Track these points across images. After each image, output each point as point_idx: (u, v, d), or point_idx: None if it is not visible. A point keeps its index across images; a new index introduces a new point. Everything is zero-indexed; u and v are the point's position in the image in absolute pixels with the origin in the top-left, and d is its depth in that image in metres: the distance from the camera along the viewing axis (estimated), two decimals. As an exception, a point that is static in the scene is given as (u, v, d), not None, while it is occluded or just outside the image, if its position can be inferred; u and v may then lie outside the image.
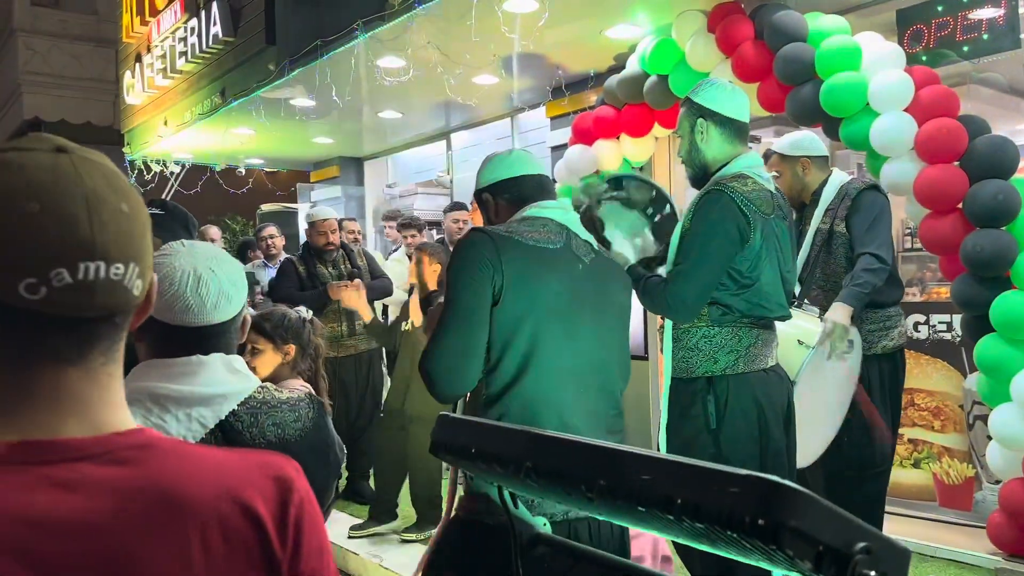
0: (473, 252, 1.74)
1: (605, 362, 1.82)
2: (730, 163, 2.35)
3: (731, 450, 2.22)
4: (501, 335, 1.71)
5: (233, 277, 1.36)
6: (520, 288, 1.71)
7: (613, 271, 1.93)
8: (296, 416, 1.36)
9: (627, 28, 4.67)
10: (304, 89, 5.77)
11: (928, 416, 4.10)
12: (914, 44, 4.13)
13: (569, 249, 1.81)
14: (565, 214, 1.88)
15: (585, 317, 1.79)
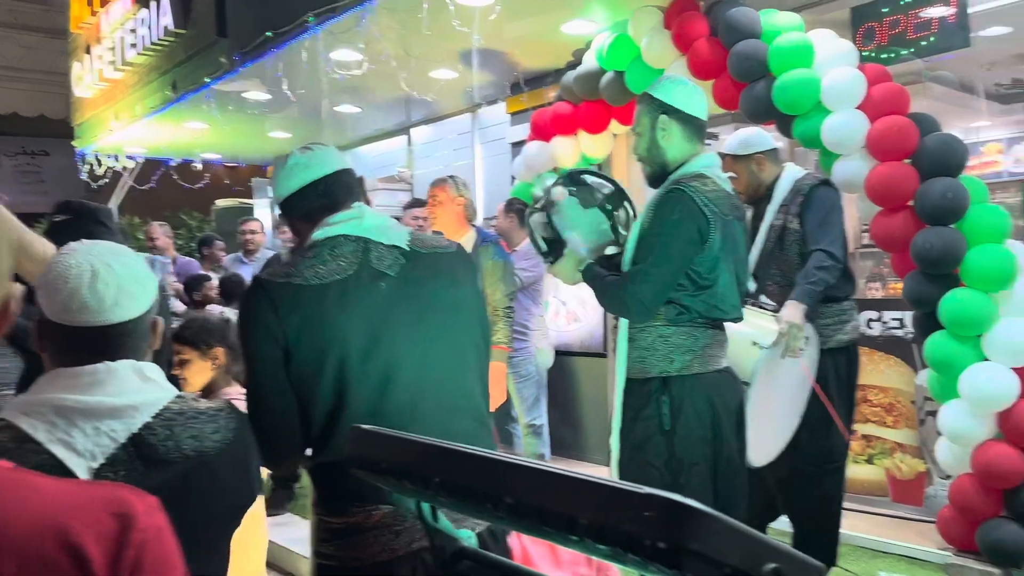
0: (249, 310, 1.54)
1: (446, 377, 1.59)
2: (689, 162, 2.33)
3: (685, 452, 2.21)
4: (303, 390, 1.51)
5: (136, 274, 1.29)
6: (307, 341, 1.49)
7: (438, 268, 1.64)
8: (216, 427, 1.29)
9: (584, 24, 4.64)
10: (258, 82, 5.65)
11: (881, 412, 4.13)
12: (867, 42, 4.16)
13: (367, 268, 1.56)
14: (360, 223, 1.61)
15: (400, 341, 1.54)
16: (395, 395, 1.53)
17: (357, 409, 1.49)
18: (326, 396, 1.51)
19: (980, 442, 3.17)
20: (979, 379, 3.10)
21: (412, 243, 1.64)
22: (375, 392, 1.52)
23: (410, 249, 1.62)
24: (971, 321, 3.13)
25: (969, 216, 3.19)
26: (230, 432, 1.30)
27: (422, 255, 1.63)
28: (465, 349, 1.65)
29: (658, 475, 2.20)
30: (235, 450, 1.30)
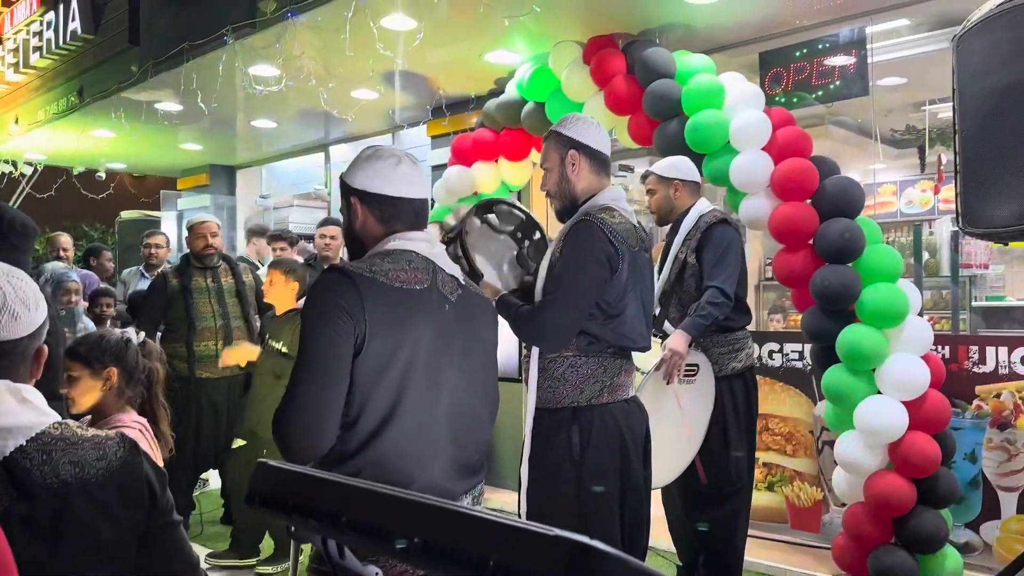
0: (331, 298, 1.54)
1: (471, 407, 1.69)
2: (596, 195, 2.38)
3: (593, 481, 2.23)
4: (361, 390, 1.53)
5: (24, 295, 1.25)
6: (384, 338, 1.54)
7: (480, 306, 1.77)
8: (100, 455, 1.24)
9: (506, 54, 4.70)
10: (171, 93, 5.48)
11: (781, 441, 4.29)
12: (774, 86, 4.36)
13: (436, 288, 1.65)
14: (431, 247, 1.71)
15: (452, 363, 1.64)
16: (438, 414, 1.60)
17: (405, 419, 1.55)
18: (382, 399, 1.55)
19: (872, 472, 3.33)
20: (872, 411, 3.25)
21: (464, 279, 1.76)
22: (424, 407, 1.58)
23: (464, 283, 1.74)
24: (866, 355, 3.29)
25: (865, 256, 3.37)
26: (117, 460, 1.26)
27: (470, 292, 1.75)
28: (488, 384, 1.76)
29: (567, 504, 2.21)
30: (122, 478, 1.25)
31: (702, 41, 4.38)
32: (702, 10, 4.01)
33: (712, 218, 3.34)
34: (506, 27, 4.15)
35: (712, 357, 3.26)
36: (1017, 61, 1.81)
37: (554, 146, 2.42)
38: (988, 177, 1.93)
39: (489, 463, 5.50)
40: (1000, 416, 3.69)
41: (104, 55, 5.69)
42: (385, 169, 1.69)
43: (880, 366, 3.30)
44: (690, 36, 4.31)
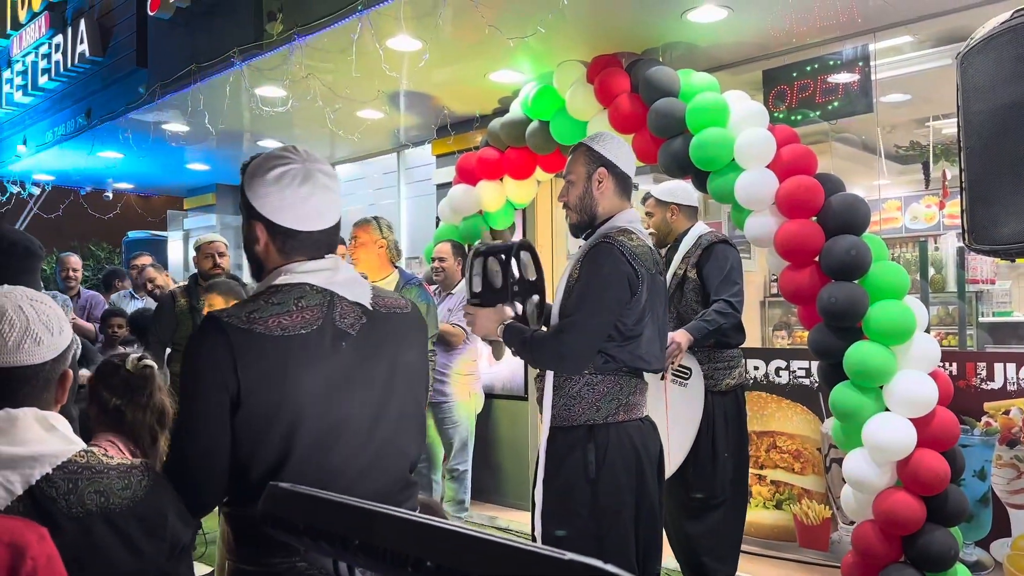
0: (204, 353, 1.44)
1: (385, 440, 1.56)
2: (614, 217, 2.40)
3: (608, 500, 2.23)
4: (246, 443, 1.44)
5: (47, 319, 1.26)
6: (261, 395, 1.43)
7: (395, 330, 1.61)
8: (125, 484, 1.26)
9: (510, 73, 4.73)
10: (178, 114, 5.53)
11: (789, 458, 4.27)
12: (778, 103, 4.38)
13: (330, 325, 1.51)
14: (332, 275, 1.56)
15: (352, 401, 1.51)
16: (339, 455, 1.49)
17: (299, 466, 1.44)
18: (270, 451, 1.44)
19: (881, 490, 3.31)
20: (880, 429, 3.24)
21: (374, 302, 1.59)
22: (320, 451, 1.47)
23: (372, 309, 1.58)
24: (873, 373, 3.28)
25: (872, 272, 3.37)
26: (142, 490, 1.27)
27: (382, 315, 1.59)
28: (408, 410, 1.62)
29: (582, 523, 2.21)
30: (145, 508, 1.26)
31: (705, 59, 4.41)
32: (705, 29, 4.04)
33: (713, 237, 3.46)
34: (511, 48, 4.18)
35: (707, 372, 3.38)
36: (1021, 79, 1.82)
37: (582, 160, 2.43)
38: (994, 193, 1.93)
39: (495, 481, 5.50)
40: (1009, 433, 3.67)
41: (112, 77, 5.75)
42: (295, 202, 1.52)
43: (888, 383, 3.28)
44: (693, 54, 4.34)
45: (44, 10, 6.55)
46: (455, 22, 3.97)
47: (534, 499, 2.33)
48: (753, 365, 4.35)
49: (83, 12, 6.06)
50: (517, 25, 3.97)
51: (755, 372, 4.35)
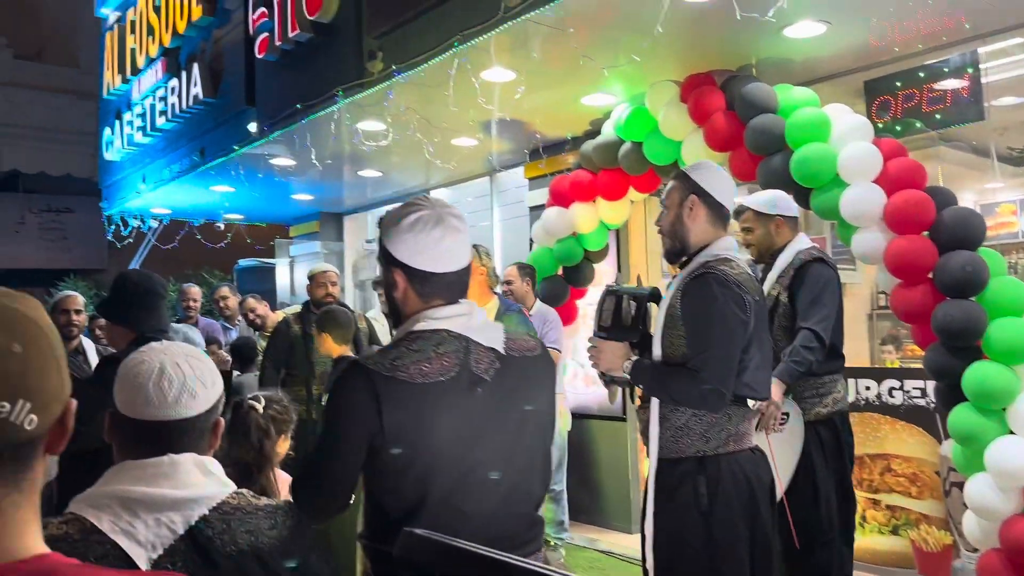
0: (350, 398, 1.54)
1: (517, 486, 1.62)
2: (710, 245, 2.37)
3: (722, 532, 2.19)
4: (384, 482, 1.54)
5: (203, 375, 1.36)
6: (403, 441, 1.51)
7: (528, 371, 1.67)
8: (272, 524, 1.34)
9: (602, 96, 4.76)
10: (285, 149, 5.81)
11: (905, 482, 4.10)
12: (882, 114, 4.25)
13: (467, 372, 1.57)
14: (468, 320, 1.62)
15: (485, 445, 1.58)
16: (471, 499, 1.56)
17: (434, 509, 1.52)
18: (406, 494, 1.53)
19: (1007, 516, 3.14)
20: (1005, 453, 3.08)
21: (507, 345, 1.65)
22: (454, 495, 1.54)
23: (505, 353, 1.64)
24: (995, 394, 3.13)
25: (989, 289, 3.22)
26: (286, 530, 1.35)
27: (515, 360, 1.65)
28: (537, 452, 1.68)
29: (695, 556, 2.18)
30: (290, 547, 1.33)
31: (802, 73, 4.32)
32: (803, 44, 3.96)
33: (808, 256, 3.23)
34: (603, 72, 4.22)
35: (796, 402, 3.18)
36: None
37: (677, 187, 2.42)
38: None
39: (594, 501, 5.49)
40: None
41: (224, 117, 6.08)
42: (429, 245, 1.61)
43: (1011, 404, 3.13)
44: (789, 69, 4.26)
45: (160, 56, 7.00)
46: (547, 51, 4.03)
47: (644, 531, 2.33)
48: (864, 385, 4.21)
49: (196, 57, 6.45)
50: (609, 50, 4.00)
51: (866, 392, 4.21)
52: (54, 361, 0.82)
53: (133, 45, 7.45)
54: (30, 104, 13.85)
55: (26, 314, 0.82)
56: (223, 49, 6.22)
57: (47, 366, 0.81)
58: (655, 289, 2.54)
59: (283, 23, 5.13)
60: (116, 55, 7.85)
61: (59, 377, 0.83)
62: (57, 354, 0.83)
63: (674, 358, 2.27)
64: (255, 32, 5.45)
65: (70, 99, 14.01)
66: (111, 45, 8.01)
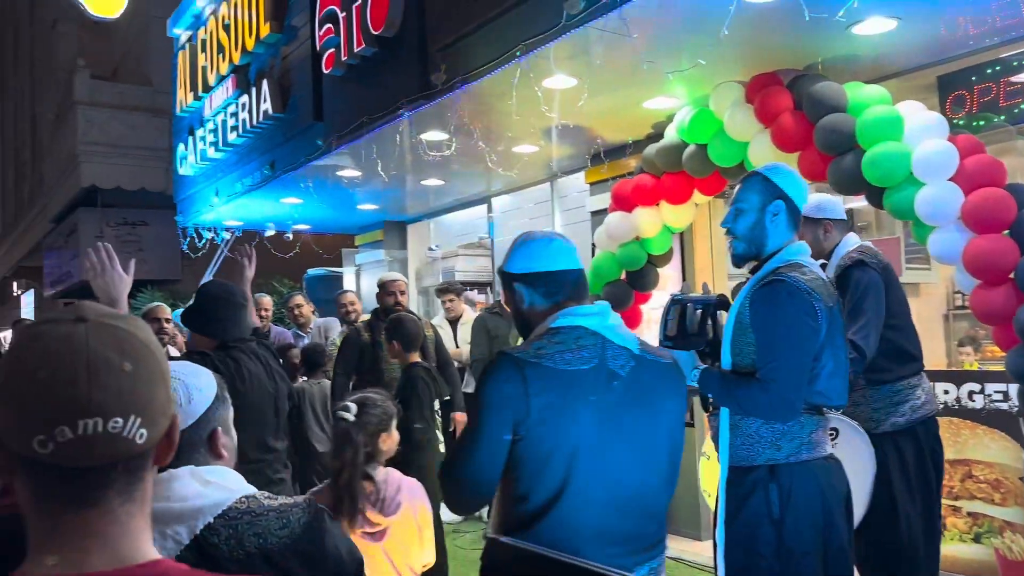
0: (499, 385, 1.64)
1: (646, 483, 1.70)
2: (783, 250, 2.34)
3: (795, 541, 2.16)
4: (529, 471, 1.61)
5: (186, 390, 1.39)
6: (549, 424, 1.60)
7: (658, 375, 1.76)
8: (283, 523, 1.30)
9: (665, 100, 4.74)
10: (351, 161, 5.94)
11: (988, 489, 3.96)
12: (957, 109, 4.13)
13: (604, 366, 1.67)
14: (601, 320, 1.73)
15: (621, 440, 1.65)
16: (606, 491, 1.62)
17: (573, 499, 1.58)
18: (550, 481, 1.59)
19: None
20: (1097, 460, 2.96)
21: (641, 348, 1.75)
22: (592, 485, 1.61)
23: (639, 353, 1.73)
24: (1084, 398, 3.01)
25: (1076, 289, 3.10)
26: (299, 527, 1.31)
27: (648, 361, 1.74)
28: (665, 455, 1.75)
29: (767, 566, 2.16)
30: (303, 544, 1.30)
31: (870, 70, 4.22)
32: (872, 40, 3.88)
33: (848, 260, 3.08)
34: (666, 76, 4.20)
35: (865, 414, 3.00)
36: None
37: (758, 190, 2.38)
38: None
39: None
40: None
41: (292, 131, 6.26)
42: (539, 248, 1.80)
43: (1104, 409, 3.00)
44: (858, 66, 4.17)
45: (230, 73, 7.24)
46: (609, 57, 4.04)
47: (715, 539, 2.31)
48: (943, 389, 4.09)
49: (265, 73, 6.65)
50: (672, 54, 3.98)
51: (945, 396, 4.08)
52: (160, 377, 0.87)
53: (204, 63, 7.72)
54: (107, 122, 14.43)
55: (134, 333, 0.86)
56: (291, 65, 6.39)
57: (154, 382, 0.85)
58: (722, 296, 2.51)
59: (349, 38, 5.25)
60: (188, 73, 8.14)
61: (165, 392, 0.87)
62: (163, 370, 0.88)
63: (743, 366, 2.25)
64: (322, 48, 5.59)
65: (144, 116, 14.56)
66: (183, 64, 8.31)
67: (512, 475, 1.63)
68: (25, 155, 21.36)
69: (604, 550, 1.61)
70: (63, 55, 16.72)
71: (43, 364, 0.81)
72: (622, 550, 1.64)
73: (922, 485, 3.01)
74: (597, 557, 1.60)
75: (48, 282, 18.21)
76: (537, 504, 1.59)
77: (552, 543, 1.57)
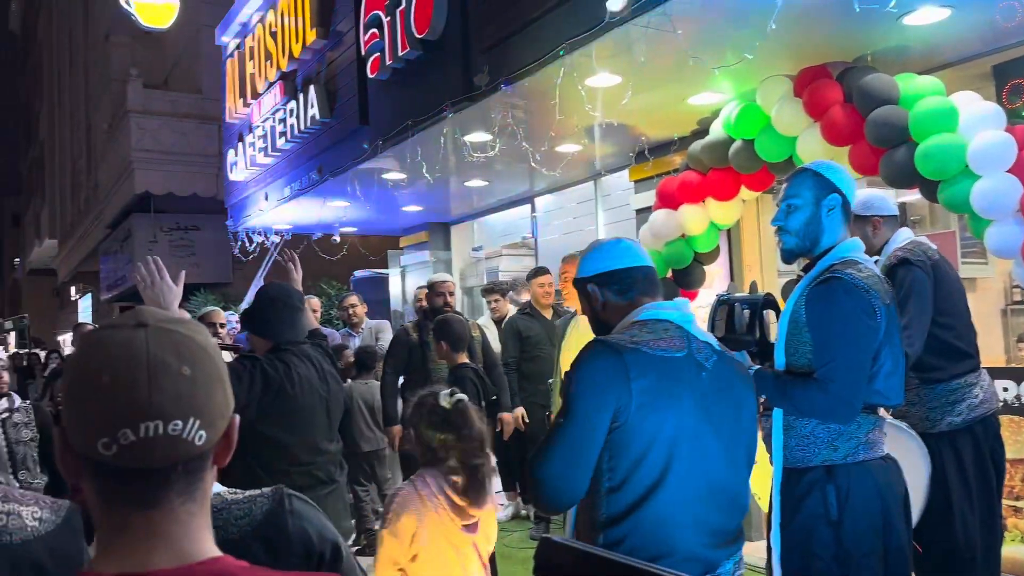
0: (598, 370, 1.64)
1: (732, 477, 1.71)
2: (836, 247, 2.30)
3: (854, 544, 2.13)
4: (629, 456, 1.61)
5: None
6: (650, 409, 1.61)
7: (735, 371, 1.79)
8: (244, 512, 1.29)
9: (710, 95, 4.69)
10: (396, 164, 6.01)
11: (1049, 489, 3.84)
12: (1013, 99, 4.00)
13: (692, 356, 1.69)
14: (683, 315, 1.77)
15: (712, 431, 1.66)
16: (700, 481, 1.63)
17: (673, 487, 1.59)
18: (653, 465, 1.60)
19: None
20: None
21: (718, 344, 1.79)
22: (690, 476, 1.61)
23: (719, 349, 1.77)
24: None
25: None
26: (261, 514, 1.29)
27: (727, 357, 1.78)
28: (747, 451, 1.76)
29: (825, 568, 2.13)
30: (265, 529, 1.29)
31: (922, 60, 4.12)
32: (924, 31, 3.78)
33: (893, 258, 3.00)
34: (711, 71, 4.16)
35: (920, 413, 2.93)
36: None
37: (811, 185, 2.34)
38: None
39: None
40: None
41: (339, 135, 6.35)
42: (608, 248, 1.86)
43: None
44: (908, 57, 4.08)
45: (278, 80, 7.37)
46: (653, 54, 4.01)
47: (770, 543, 2.28)
48: (1002, 386, 3.97)
49: (311, 79, 6.76)
50: (717, 49, 3.94)
51: (1004, 394, 3.97)
52: (218, 380, 0.89)
53: (252, 70, 7.87)
54: (159, 130, 14.83)
55: (193, 338, 0.88)
56: (337, 70, 6.48)
57: (212, 385, 0.87)
58: (769, 295, 2.48)
59: (393, 42, 5.31)
60: (237, 81, 8.31)
61: (223, 395, 0.89)
62: (221, 373, 0.90)
63: (799, 366, 2.21)
64: (367, 53, 5.66)
65: (194, 123, 14.92)
66: (232, 71, 8.49)
67: (607, 465, 1.62)
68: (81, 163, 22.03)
69: (697, 540, 1.62)
70: (116, 65, 17.21)
71: (105, 369, 0.83)
72: (712, 541, 1.65)
73: (981, 485, 2.92)
74: (690, 548, 1.61)
75: (104, 286, 18.77)
76: (634, 494, 1.59)
77: (647, 534, 1.59)
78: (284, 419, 2.83)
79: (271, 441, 2.79)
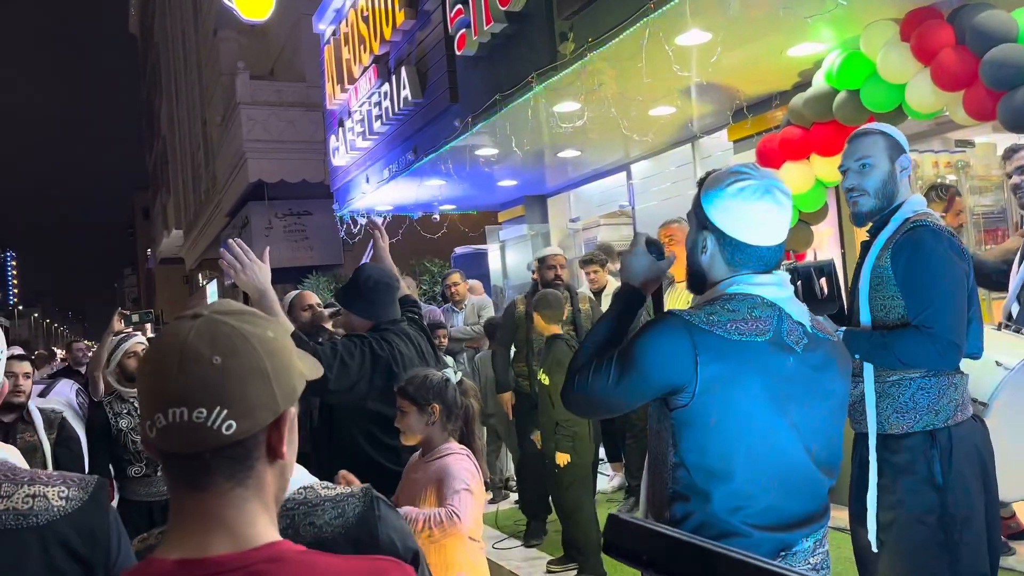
0: (664, 346, 1.53)
1: (810, 465, 1.57)
2: (905, 204, 2.25)
3: (959, 506, 2.07)
4: (693, 439, 1.53)
5: None
6: (717, 395, 1.50)
7: (830, 354, 1.62)
8: (338, 512, 1.32)
9: (810, 46, 4.45)
10: (488, 139, 6.02)
11: None
12: None
13: (779, 339, 1.54)
14: (779, 290, 1.59)
15: (790, 420, 1.54)
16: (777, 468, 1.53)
17: (742, 472, 1.51)
18: (717, 453, 1.52)
19: None
20: None
21: (813, 324, 1.62)
22: (760, 461, 1.52)
23: (812, 330, 1.61)
24: None
25: None
26: (354, 516, 1.32)
27: (820, 339, 1.61)
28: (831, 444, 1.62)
29: (930, 533, 2.08)
30: (357, 533, 1.31)
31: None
32: (1046, -44, 3.45)
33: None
34: (808, 21, 3.94)
35: None
36: None
37: (882, 146, 2.28)
38: None
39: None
40: None
41: (431, 115, 6.42)
42: (750, 215, 1.57)
43: None
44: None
45: (372, 64, 7.51)
46: (743, 5, 3.83)
47: (852, 509, 2.24)
48: None
49: (403, 60, 6.86)
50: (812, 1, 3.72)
51: None
52: (259, 372, 0.86)
53: (348, 56, 8.05)
54: (267, 120, 15.41)
55: (238, 328, 0.88)
56: (426, 50, 6.55)
57: (249, 377, 0.86)
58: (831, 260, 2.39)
59: (478, 17, 5.30)
60: (334, 67, 8.52)
61: (265, 386, 0.87)
62: (264, 365, 0.87)
63: (887, 321, 2.17)
64: (454, 29, 5.68)
65: (300, 111, 15.42)
66: (329, 58, 8.72)
67: (671, 440, 1.56)
68: (199, 156, 23.23)
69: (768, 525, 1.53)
70: (225, 60, 17.97)
71: (153, 356, 0.88)
72: (786, 526, 1.57)
73: None
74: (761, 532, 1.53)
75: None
76: (700, 478, 1.52)
77: (709, 519, 1.52)
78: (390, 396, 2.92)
79: (379, 416, 2.87)
